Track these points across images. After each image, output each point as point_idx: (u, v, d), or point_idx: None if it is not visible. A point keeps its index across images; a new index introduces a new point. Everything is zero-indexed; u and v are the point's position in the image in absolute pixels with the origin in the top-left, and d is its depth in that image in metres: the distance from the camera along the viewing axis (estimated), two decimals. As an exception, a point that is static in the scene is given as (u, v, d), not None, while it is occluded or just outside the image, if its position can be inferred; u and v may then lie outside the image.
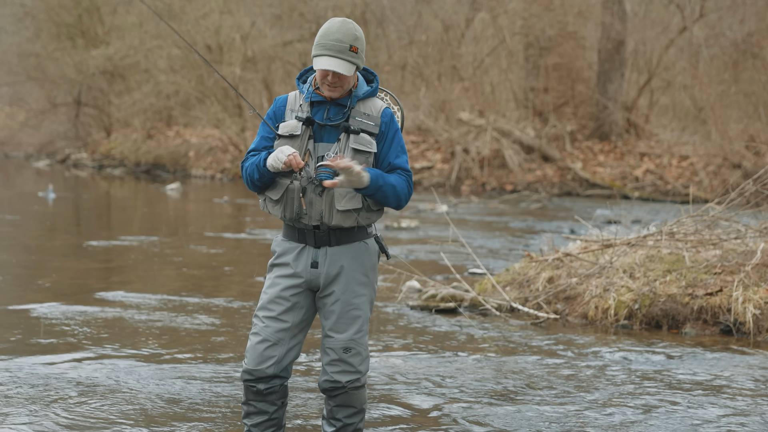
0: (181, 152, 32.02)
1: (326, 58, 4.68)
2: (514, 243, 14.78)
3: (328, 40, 4.68)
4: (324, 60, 4.68)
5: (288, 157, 4.64)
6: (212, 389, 6.38)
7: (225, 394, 6.27)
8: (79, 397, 6.10)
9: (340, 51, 4.67)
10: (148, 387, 6.37)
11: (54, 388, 6.28)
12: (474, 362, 7.35)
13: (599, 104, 27.30)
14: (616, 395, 6.52)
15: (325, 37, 4.69)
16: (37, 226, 16.40)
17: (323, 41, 4.69)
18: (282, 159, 4.65)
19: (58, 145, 36.58)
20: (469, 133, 26.54)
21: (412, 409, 6.12)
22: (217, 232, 16.07)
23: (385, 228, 16.18)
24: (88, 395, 6.14)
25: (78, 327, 8.19)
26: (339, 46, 4.67)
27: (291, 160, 4.64)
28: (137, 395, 6.18)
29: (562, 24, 27.55)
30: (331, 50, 4.67)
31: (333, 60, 4.67)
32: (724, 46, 25.45)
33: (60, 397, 6.08)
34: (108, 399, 6.07)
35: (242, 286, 10.74)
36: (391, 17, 30.39)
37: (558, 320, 9.00)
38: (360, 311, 4.82)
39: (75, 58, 34.08)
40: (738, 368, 7.33)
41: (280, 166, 4.66)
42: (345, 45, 4.67)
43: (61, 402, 5.98)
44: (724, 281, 8.75)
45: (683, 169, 25.09)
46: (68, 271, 11.37)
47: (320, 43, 4.70)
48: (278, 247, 4.88)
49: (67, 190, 24.67)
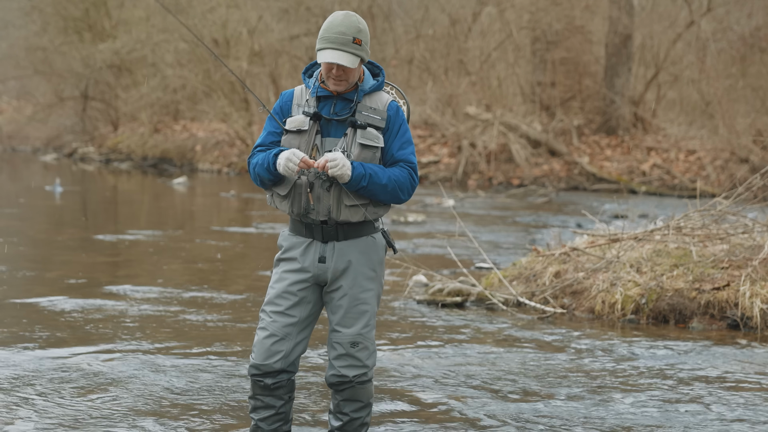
0: (188, 146, 32.02)
1: (330, 51, 4.67)
2: (521, 237, 14.77)
3: (332, 33, 4.68)
4: (328, 53, 4.67)
5: (299, 165, 4.65)
6: (219, 384, 6.39)
7: (232, 389, 6.28)
8: (86, 390, 6.12)
9: (343, 44, 4.66)
10: (155, 381, 6.38)
11: (60, 381, 6.29)
12: (480, 357, 7.36)
13: (606, 98, 27.26)
14: (624, 390, 6.52)
15: (328, 31, 4.69)
16: (45, 220, 16.43)
17: (326, 34, 4.69)
18: (293, 168, 4.65)
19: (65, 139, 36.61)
20: (475, 128, 26.51)
21: (419, 404, 6.13)
22: (224, 226, 16.08)
23: (392, 222, 16.18)
24: (95, 388, 6.15)
25: (85, 320, 8.20)
26: (342, 38, 4.66)
27: (303, 166, 4.65)
28: (144, 389, 6.19)
29: (569, 18, 27.49)
30: (335, 43, 4.67)
31: (337, 53, 4.66)
32: (731, 40, 25.38)
33: (67, 390, 6.10)
34: (115, 392, 6.08)
35: (249, 280, 10.75)
36: (397, 11, 30.37)
37: (565, 315, 9.00)
38: (367, 306, 4.83)
39: (82, 52, 34.09)
40: (745, 363, 7.33)
41: (294, 173, 4.67)
42: (348, 37, 4.67)
43: (69, 395, 5.99)
44: (732, 276, 8.74)
45: (690, 163, 25.04)
46: (75, 265, 11.39)
47: (324, 37, 4.69)
48: (285, 242, 4.89)
49: (75, 184, 24.71)
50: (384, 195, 4.77)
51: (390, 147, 4.82)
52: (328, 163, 4.61)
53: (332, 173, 4.63)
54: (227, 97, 30.25)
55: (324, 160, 4.62)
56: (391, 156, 4.81)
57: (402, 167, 4.81)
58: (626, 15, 26.74)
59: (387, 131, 4.82)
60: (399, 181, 4.77)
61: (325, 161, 4.62)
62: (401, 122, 4.85)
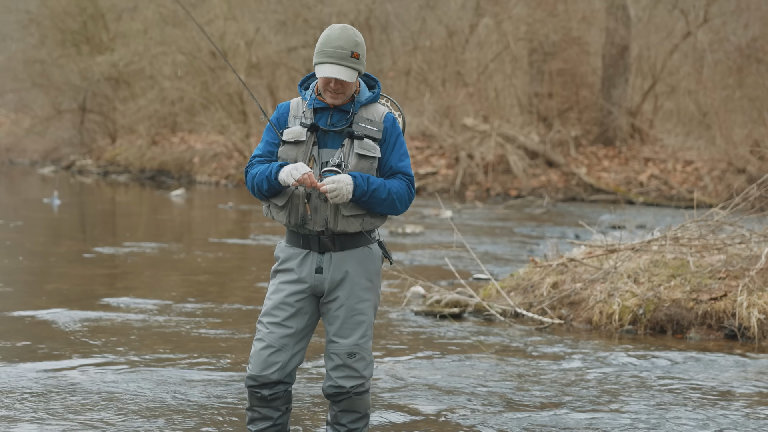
0: (185, 158, 32.04)
1: (328, 66, 4.69)
2: (519, 248, 14.78)
3: (330, 47, 4.69)
4: (326, 68, 4.69)
5: (302, 176, 4.65)
6: (216, 395, 6.39)
7: (229, 400, 6.28)
8: (84, 402, 6.11)
9: (341, 58, 4.68)
10: (153, 393, 6.38)
11: (59, 393, 6.29)
12: (478, 368, 7.36)
13: (603, 109, 27.30)
14: (622, 400, 6.52)
15: (326, 45, 4.71)
16: (43, 233, 16.43)
17: (324, 48, 4.70)
18: (296, 176, 4.66)
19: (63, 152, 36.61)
20: (473, 139, 26.54)
21: (417, 415, 6.13)
22: (222, 238, 16.09)
23: (390, 234, 16.18)
24: (93, 401, 6.15)
25: (83, 333, 8.20)
26: (340, 53, 4.68)
27: (305, 180, 4.65)
28: (142, 401, 6.19)
29: (567, 29, 27.54)
30: (333, 57, 4.68)
31: (335, 67, 4.68)
32: (728, 51, 25.43)
33: (65, 403, 6.09)
34: (113, 405, 6.08)
35: (247, 291, 10.75)
36: (395, 23, 30.42)
37: (562, 325, 9.00)
38: (364, 316, 4.83)
39: (80, 64, 34.11)
40: (743, 373, 7.33)
41: (291, 182, 4.68)
42: (347, 51, 4.68)
43: (66, 408, 5.99)
44: (729, 286, 8.75)
45: (688, 174, 25.07)
46: (73, 277, 11.39)
47: (322, 51, 4.71)
48: (282, 253, 4.89)
49: (72, 196, 24.71)
50: (382, 207, 4.79)
51: (388, 159, 4.83)
52: (328, 194, 4.64)
53: (333, 201, 4.66)
54: (225, 109, 30.28)
55: (324, 188, 4.64)
56: (389, 168, 4.83)
57: (400, 179, 4.83)
58: (623, 26, 26.80)
59: (384, 142, 4.84)
60: (398, 193, 4.80)
61: (326, 190, 4.64)
62: (398, 134, 4.87)
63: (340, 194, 4.65)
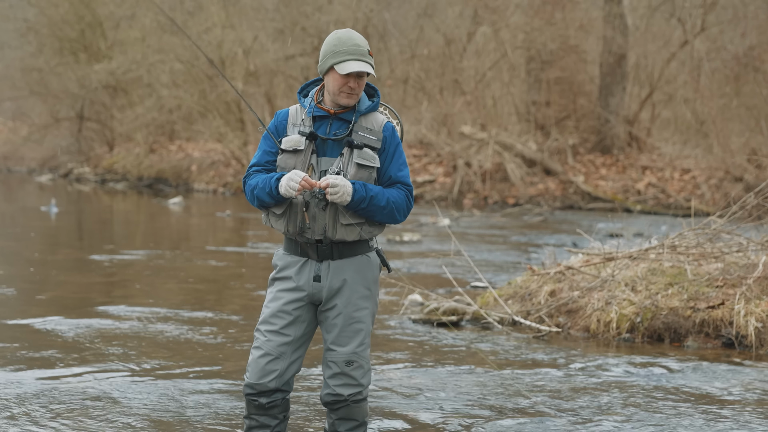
0: (183, 166, 32.05)
1: (354, 62, 4.72)
2: (516, 256, 14.78)
3: (348, 46, 4.73)
4: (351, 64, 4.71)
5: (301, 184, 4.66)
6: (214, 403, 6.39)
7: (227, 408, 6.28)
8: (82, 410, 6.11)
9: (362, 54, 4.75)
10: (150, 401, 6.38)
11: (56, 401, 6.28)
12: (476, 376, 7.35)
13: (601, 118, 27.33)
14: (619, 408, 6.52)
15: (343, 44, 4.74)
16: (40, 241, 16.41)
17: (343, 48, 4.73)
18: (295, 188, 4.67)
19: (61, 160, 36.61)
20: (471, 147, 26.56)
21: (414, 423, 6.12)
22: (220, 246, 16.08)
23: (388, 242, 16.18)
24: (91, 409, 6.14)
25: (80, 341, 8.19)
26: (360, 50, 4.74)
27: (304, 185, 4.66)
28: (140, 409, 6.18)
29: (564, 38, 27.58)
30: (354, 54, 4.73)
31: (360, 63, 4.72)
32: (725, 59, 25.47)
33: (62, 410, 6.09)
34: (110, 413, 6.08)
35: (245, 299, 10.75)
36: (393, 31, 30.44)
37: (560, 333, 9.00)
38: (362, 324, 4.84)
39: (78, 72, 34.13)
40: (740, 381, 7.33)
41: (293, 194, 4.69)
42: (364, 49, 4.77)
43: (64, 416, 5.98)
44: (726, 294, 8.75)
45: (685, 182, 25.09)
46: (71, 285, 11.38)
47: (340, 50, 4.73)
48: (280, 261, 4.90)
49: (70, 204, 24.70)
50: (381, 215, 4.79)
51: (388, 168, 4.84)
52: (329, 188, 4.63)
53: (331, 199, 4.65)
54: (223, 117, 30.30)
55: (326, 182, 4.64)
56: (389, 177, 4.84)
57: (399, 188, 4.84)
58: (620, 35, 26.84)
59: (383, 152, 4.84)
60: (397, 202, 4.80)
61: (327, 184, 4.63)
62: (397, 143, 4.88)
63: (340, 191, 4.64)
